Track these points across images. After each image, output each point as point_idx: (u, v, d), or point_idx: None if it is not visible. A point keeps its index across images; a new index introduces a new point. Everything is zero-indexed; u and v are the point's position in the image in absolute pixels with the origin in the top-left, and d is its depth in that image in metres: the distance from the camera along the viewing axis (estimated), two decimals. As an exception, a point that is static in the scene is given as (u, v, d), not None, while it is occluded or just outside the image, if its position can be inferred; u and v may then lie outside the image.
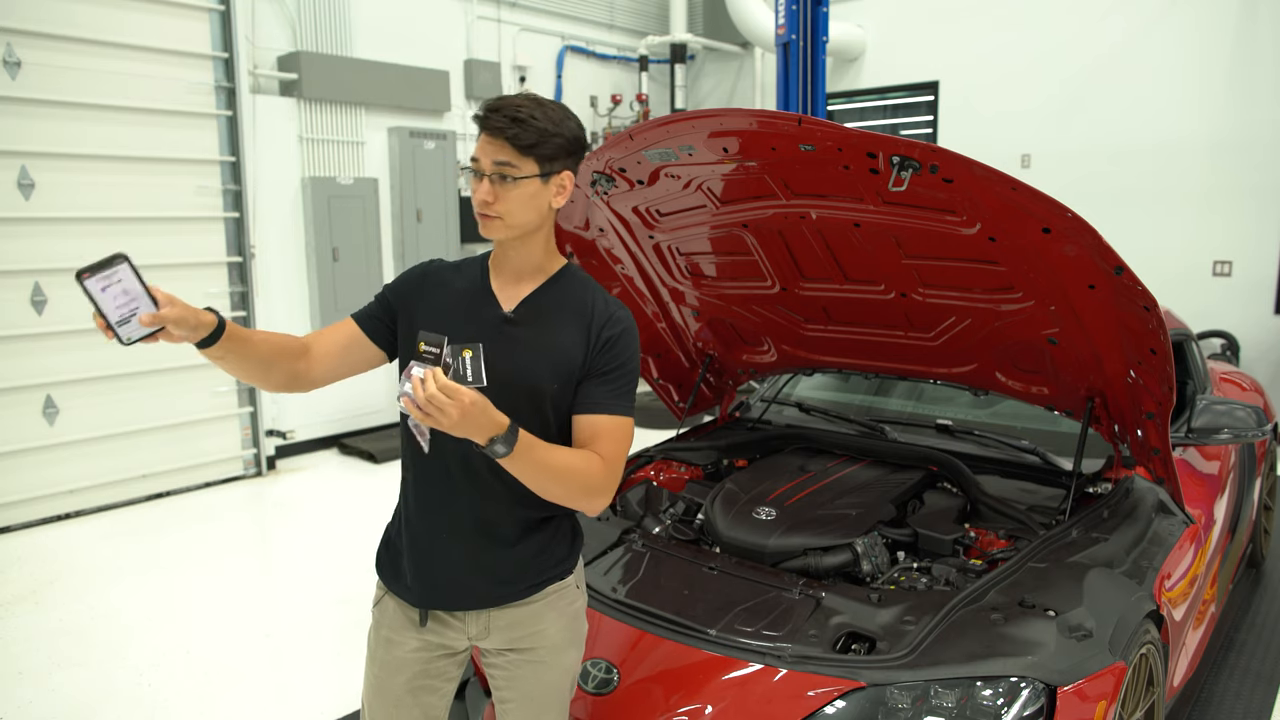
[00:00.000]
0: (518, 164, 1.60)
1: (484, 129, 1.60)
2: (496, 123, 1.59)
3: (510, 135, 1.59)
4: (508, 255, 1.72)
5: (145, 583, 4.31)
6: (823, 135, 2.16)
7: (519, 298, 1.71)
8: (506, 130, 1.59)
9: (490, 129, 1.59)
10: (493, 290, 1.72)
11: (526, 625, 1.75)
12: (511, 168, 1.60)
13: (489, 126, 1.60)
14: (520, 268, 1.72)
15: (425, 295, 1.74)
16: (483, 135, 1.61)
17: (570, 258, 3.09)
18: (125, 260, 1.39)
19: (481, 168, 1.62)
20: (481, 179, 1.61)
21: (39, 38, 4.96)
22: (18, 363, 5.05)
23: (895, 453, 3.06)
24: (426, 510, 1.73)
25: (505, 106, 1.60)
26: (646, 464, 3.20)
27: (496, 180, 1.61)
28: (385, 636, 1.79)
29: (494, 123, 1.59)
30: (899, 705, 1.87)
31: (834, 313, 3.01)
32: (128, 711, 3.21)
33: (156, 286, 1.43)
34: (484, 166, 1.61)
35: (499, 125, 1.59)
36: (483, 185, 1.61)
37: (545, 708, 1.80)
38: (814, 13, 6.06)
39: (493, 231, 1.65)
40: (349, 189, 6.53)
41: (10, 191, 4.95)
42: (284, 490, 5.92)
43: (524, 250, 1.70)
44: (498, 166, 1.60)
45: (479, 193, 1.62)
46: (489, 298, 1.72)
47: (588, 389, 1.68)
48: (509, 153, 1.60)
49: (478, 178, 1.62)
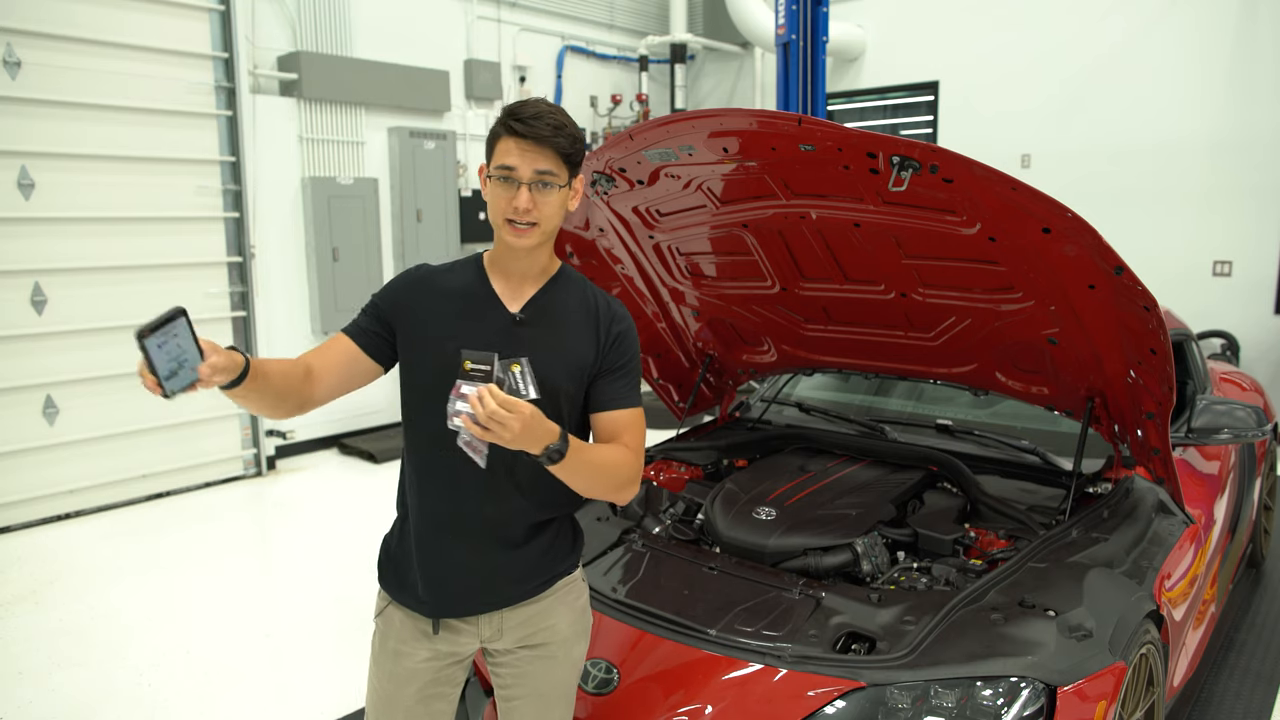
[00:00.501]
0: (558, 172, 1.58)
1: (522, 136, 1.55)
2: (541, 130, 1.55)
3: (555, 144, 1.56)
4: (518, 259, 1.68)
5: (145, 583, 4.31)
6: (823, 135, 2.16)
7: (523, 299, 1.70)
8: (553, 139, 1.56)
9: (534, 136, 1.55)
10: (496, 293, 1.70)
11: (538, 621, 1.77)
12: (553, 176, 1.58)
13: (532, 134, 1.55)
14: (528, 271, 1.70)
15: (422, 301, 1.70)
16: (517, 141, 1.56)
17: (570, 257, 3.09)
18: (183, 315, 1.35)
19: (520, 176, 1.57)
20: (519, 187, 1.57)
21: (39, 38, 4.96)
22: (18, 363, 5.05)
23: (895, 453, 3.06)
24: (436, 518, 1.70)
25: (543, 113, 1.56)
26: (646, 464, 3.20)
27: (536, 188, 1.57)
28: (393, 649, 1.76)
29: (539, 130, 1.55)
30: (899, 705, 1.87)
31: (834, 313, 3.01)
32: (128, 711, 3.21)
33: (204, 338, 1.41)
34: (523, 175, 1.56)
35: (544, 133, 1.55)
36: (522, 194, 1.57)
37: (554, 703, 1.81)
38: (814, 13, 6.06)
39: (528, 240, 1.61)
40: (349, 189, 6.53)
41: (10, 191, 4.95)
42: (284, 490, 5.92)
43: (538, 253, 1.69)
44: (539, 175, 1.57)
45: (518, 201, 1.57)
46: (493, 300, 1.69)
47: (604, 386, 1.70)
48: (552, 160, 1.57)
49: (511, 185, 1.57)
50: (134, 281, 5.46)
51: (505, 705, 1.82)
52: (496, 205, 1.60)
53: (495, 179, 1.59)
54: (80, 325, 5.25)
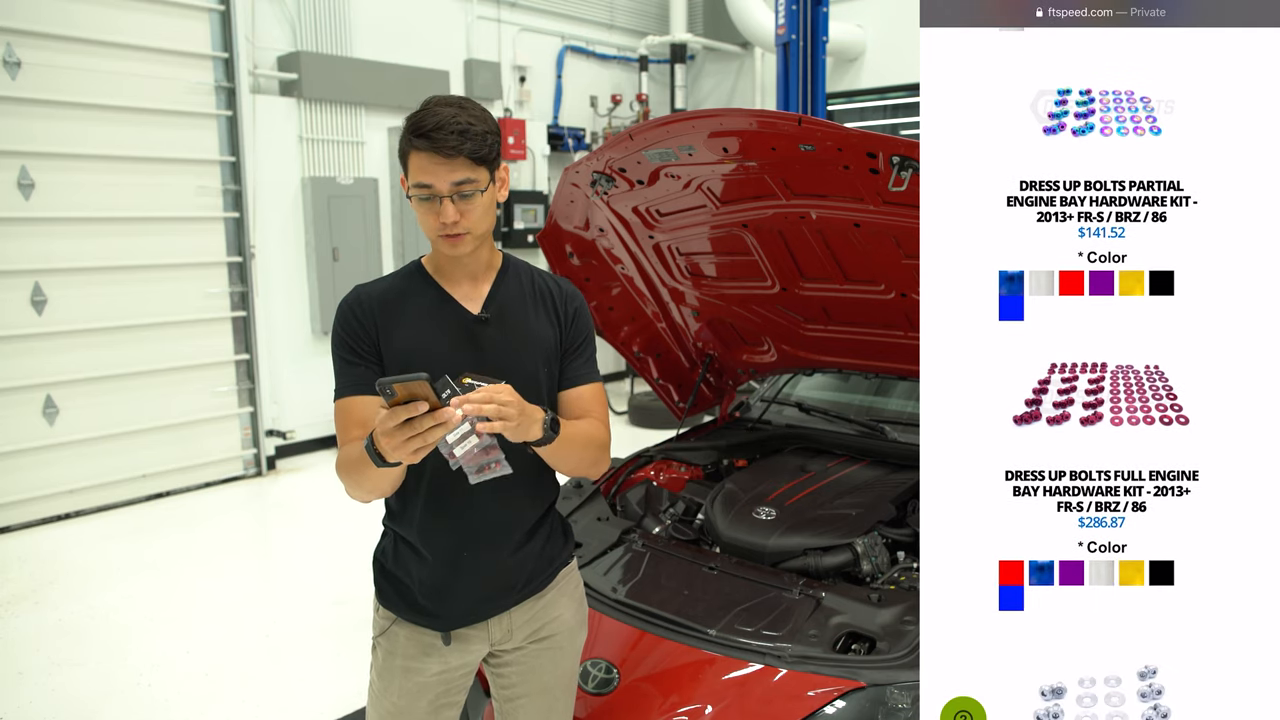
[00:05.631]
0: (476, 177, 1.54)
1: (428, 150, 1.49)
2: (447, 142, 1.49)
3: (465, 150, 1.51)
4: (461, 261, 1.65)
5: (145, 583, 4.31)
6: (823, 135, 2.16)
7: (479, 298, 1.68)
8: (461, 147, 1.50)
9: (440, 150, 1.49)
10: (450, 295, 1.67)
11: (544, 615, 1.78)
12: (472, 183, 1.53)
13: (437, 148, 1.49)
14: (475, 269, 1.68)
15: (380, 321, 1.63)
16: (424, 156, 1.50)
17: (570, 257, 3.09)
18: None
19: (439, 191, 1.52)
20: (440, 202, 1.52)
21: (39, 38, 4.96)
22: (18, 363, 5.05)
23: (895, 453, 3.06)
24: (437, 533, 1.68)
25: (445, 122, 1.49)
26: (646, 464, 3.20)
27: (458, 199, 1.53)
28: (401, 666, 1.73)
29: (444, 142, 1.49)
30: (899, 705, 1.87)
31: (834, 313, 3.01)
32: (128, 711, 3.21)
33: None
34: (441, 190, 1.51)
35: (451, 144, 1.49)
36: (446, 209, 1.52)
37: (558, 696, 1.83)
38: (814, 13, 6.07)
39: (464, 246, 1.59)
40: (349, 189, 6.53)
41: (10, 191, 4.95)
42: (284, 490, 5.92)
43: (479, 252, 1.66)
44: (457, 186, 1.52)
45: (444, 216, 1.52)
46: (450, 304, 1.66)
47: (568, 365, 1.74)
48: (466, 168, 1.52)
49: (433, 201, 1.53)
50: (134, 281, 5.46)
51: (508, 705, 1.82)
52: (425, 221, 1.57)
53: (416, 198, 1.55)
54: (80, 325, 5.25)
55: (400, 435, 1.31)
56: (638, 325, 3.38)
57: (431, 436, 1.32)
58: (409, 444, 1.32)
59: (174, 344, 5.64)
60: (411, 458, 1.35)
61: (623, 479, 3.06)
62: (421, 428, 1.31)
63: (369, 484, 1.54)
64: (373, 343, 1.63)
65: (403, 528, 1.71)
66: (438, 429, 1.32)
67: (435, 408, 1.31)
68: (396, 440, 1.32)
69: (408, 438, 1.31)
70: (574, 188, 2.79)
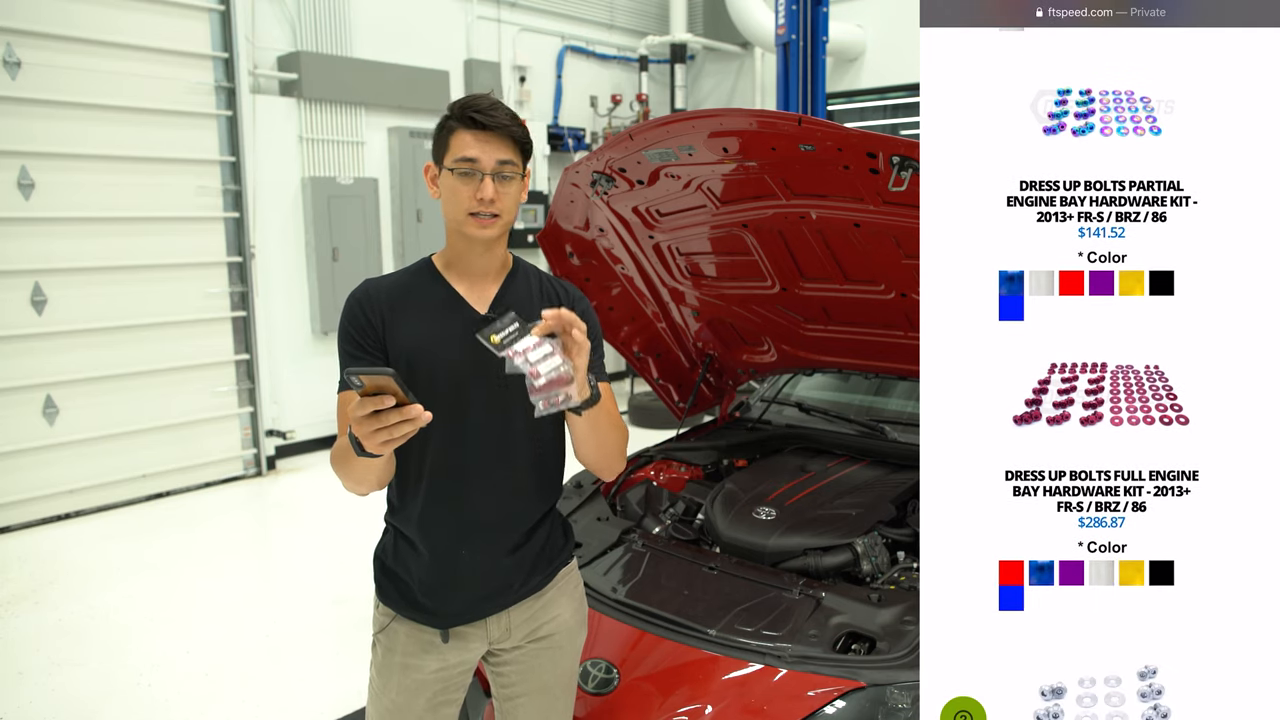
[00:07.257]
0: (517, 161, 1.60)
1: (483, 126, 1.56)
2: (501, 120, 1.56)
3: (513, 133, 1.58)
4: (479, 256, 1.66)
5: (145, 583, 4.31)
6: (823, 135, 2.16)
7: (487, 298, 1.68)
8: (511, 128, 1.57)
9: (493, 127, 1.56)
10: (460, 294, 1.67)
11: (544, 614, 1.78)
12: (513, 165, 1.59)
13: (491, 124, 1.56)
14: (489, 267, 1.69)
15: (387, 315, 1.64)
16: (475, 133, 1.56)
17: (570, 257, 3.09)
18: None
19: (482, 167, 1.56)
20: (482, 179, 1.57)
21: (39, 38, 4.96)
22: (18, 363, 5.05)
23: (895, 453, 3.06)
24: (438, 528, 1.68)
25: (498, 104, 1.58)
26: (646, 464, 3.20)
27: (498, 179, 1.58)
28: (400, 663, 1.73)
29: (498, 120, 1.56)
30: (899, 705, 1.87)
31: (834, 313, 3.01)
32: (128, 711, 3.21)
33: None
34: (485, 166, 1.56)
35: (503, 123, 1.56)
36: (486, 185, 1.56)
37: (558, 695, 1.82)
38: (814, 13, 6.07)
39: (492, 231, 1.61)
40: (349, 189, 6.53)
41: (10, 191, 4.95)
42: (284, 490, 5.92)
43: (497, 248, 1.68)
44: (501, 165, 1.58)
45: (483, 192, 1.56)
46: (458, 303, 1.67)
47: None
48: (511, 150, 1.59)
49: (473, 178, 1.57)
50: (134, 281, 5.46)
51: (508, 705, 1.82)
52: (457, 199, 1.58)
53: (455, 173, 1.57)
54: (80, 325, 5.25)
55: (369, 426, 1.32)
56: (638, 325, 3.38)
57: (398, 431, 1.32)
58: (375, 435, 1.32)
59: (174, 344, 5.65)
60: (379, 449, 1.35)
61: (622, 479, 3.07)
62: (388, 421, 1.31)
63: (356, 474, 1.55)
64: (378, 337, 1.64)
65: (403, 524, 1.72)
66: (405, 424, 1.32)
67: (402, 403, 1.31)
68: (364, 431, 1.33)
69: (374, 429, 1.32)
70: (574, 188, 2.79)
